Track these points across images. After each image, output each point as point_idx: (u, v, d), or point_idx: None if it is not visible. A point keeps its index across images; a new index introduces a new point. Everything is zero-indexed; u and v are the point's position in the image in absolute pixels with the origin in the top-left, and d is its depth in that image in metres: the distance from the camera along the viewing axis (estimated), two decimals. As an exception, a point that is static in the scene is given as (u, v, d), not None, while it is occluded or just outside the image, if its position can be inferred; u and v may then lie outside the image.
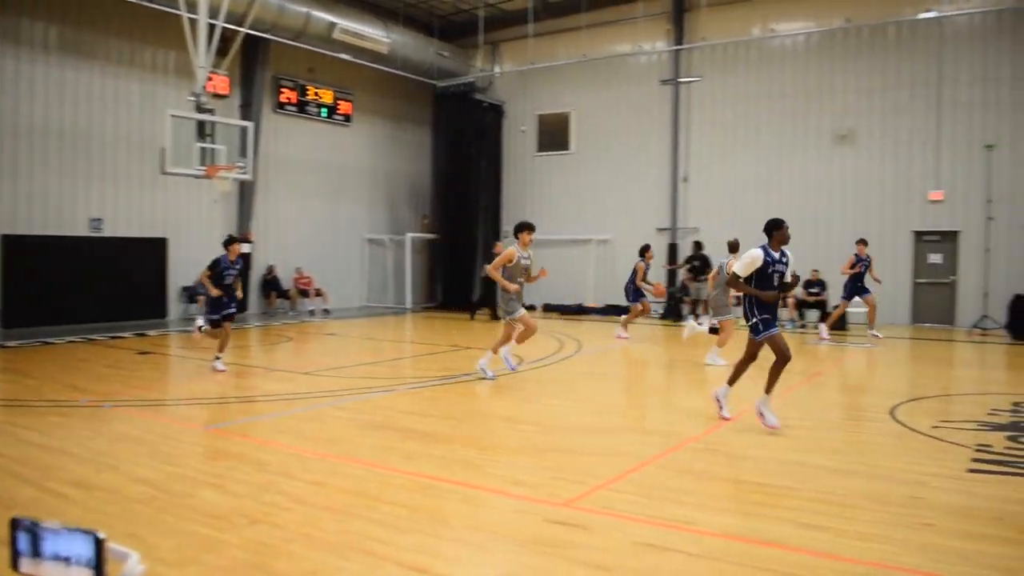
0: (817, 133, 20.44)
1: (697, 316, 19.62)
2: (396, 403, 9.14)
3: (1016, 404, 9.11)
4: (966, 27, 18.92)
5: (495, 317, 20.67)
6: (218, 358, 11.30)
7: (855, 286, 15.47)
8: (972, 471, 6.25)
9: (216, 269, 11.22)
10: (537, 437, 7.44)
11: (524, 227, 10.60)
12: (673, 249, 22.25)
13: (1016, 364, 13.65)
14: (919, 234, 19.23)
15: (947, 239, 19.04)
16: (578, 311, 22.29)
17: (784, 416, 8.62)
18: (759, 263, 7.60)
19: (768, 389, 7.67)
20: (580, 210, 23.75)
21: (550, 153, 24.60)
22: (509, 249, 10.45)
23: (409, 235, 24.11)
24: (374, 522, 4.94)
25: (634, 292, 16.09)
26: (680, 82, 22.30)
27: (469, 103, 24.04)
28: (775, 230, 7.75)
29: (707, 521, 5.00)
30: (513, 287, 10.34)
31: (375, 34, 21.42)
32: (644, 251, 16.12)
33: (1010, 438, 7.38)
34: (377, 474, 6.04)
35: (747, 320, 7.83)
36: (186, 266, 18.95)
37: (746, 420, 8.26)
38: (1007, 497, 5.62)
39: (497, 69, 25.35)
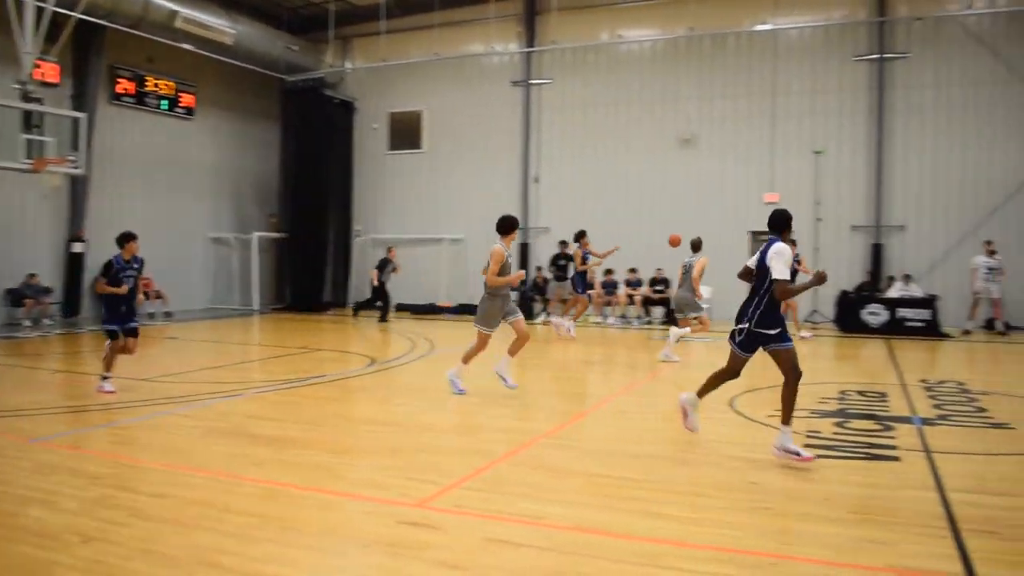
0: (662, 137, 21.24)
1: (549, 314, 20.02)
2: (244, 408, 8.84)
3: (842, 392, 9.77)
4: (798, 40, 20.20)
5: (383, 319, 20.22)
6: (106, 377, 9.51)
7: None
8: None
9: (110, 272, 9.60)
10: (390, 438, 7.37)
11: (516, 224, 9.46)
12: (525, 248, 22.55)
13: (842, 355, 14.65)
14: (756, 234, 20.29)
15: (780, 239, 20.18)
16: (430, 310, 22.24)
17: (631, 410, 8.92)
18: (790, 256, 6.50)
19: (702, 392, 7.08)
20: (432, 209, 23.72)
21: (402, 152, 24.44)
22: (498, 249, 9.20)
23: (256, 234, 23.36)
24: (221, 533, 4.75)
25: (581, 284, 16.21)
26: (531, 84, 22.66)
27: (319, 99, 23.52)
28: (791, 221, 6.75)
29: (559, 515, 5.10)
30: (506, 279, 9.21)
31: (220, 24, 20.62)
32: (580, 237, 16.12)
33: (837, 424, 7.92)
34: (224, 483, 5.82)
35: (736, 321, 6.78)
36: (10, 267, 17.63)
37: (597, 415, 8.48)
38: (835, 479, 6.02)
39: (348, 65, 24.96)
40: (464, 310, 21.80)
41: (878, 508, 5.35)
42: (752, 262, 6.74)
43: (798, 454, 6.24)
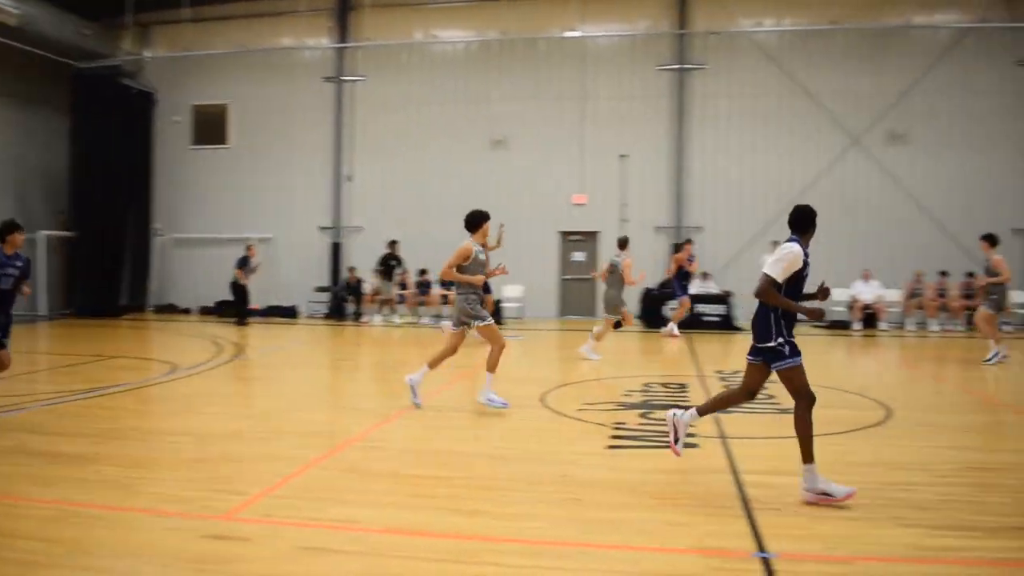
0: (475, 137, 21.50)
1: (362, 314, 19.79)
2: (29, 423, 8.09)
3: (646, 385, 10.26)
4: (605, 48, 21.09)
5: (241, 322, 19.08)
6: None
7: (681, 284, 16.47)
8: (611, 447, 6.94)
9: None
10: (193, 449, 7.00)
11: (485, 218, 8.68)
12: (337, 248, 22.16)
13: (646, 349, 15.38)
14: (565, 234, 20.96)
15: (589, 239, 21.00)
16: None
17: (444, 409, 8.94)
18: (798, 265, 5.51)
19: (806, 458, 5.40)
20: (240, 207, 22.79)
21: (207, 147, 23.34)
22: (465, 244, 8.53)
23: (42, 233, 21.52)
24: (3, 562, 4.32)
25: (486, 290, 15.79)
26: (344, 80, 22.27)
27: (115, 88, 22.03)
28: (815, 218, 5.80)
29: (370, 518, 5.03)
30: (464, 277, 8.48)
31: (1, 2, 18.83)
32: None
33: (642, 415, 8.30)
34: (6, 506, 5.30)
35: (762, 340, 5.63)
36: None
37: (411, 415, 8.44)
38: (641, 468, 6.31)
39: (148, 53, 23.53)
40: (273, 312, 21.13)
41: (679, 493, 5.65)
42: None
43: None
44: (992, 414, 9.24)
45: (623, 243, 13.55)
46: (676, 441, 5.91)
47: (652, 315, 18.55)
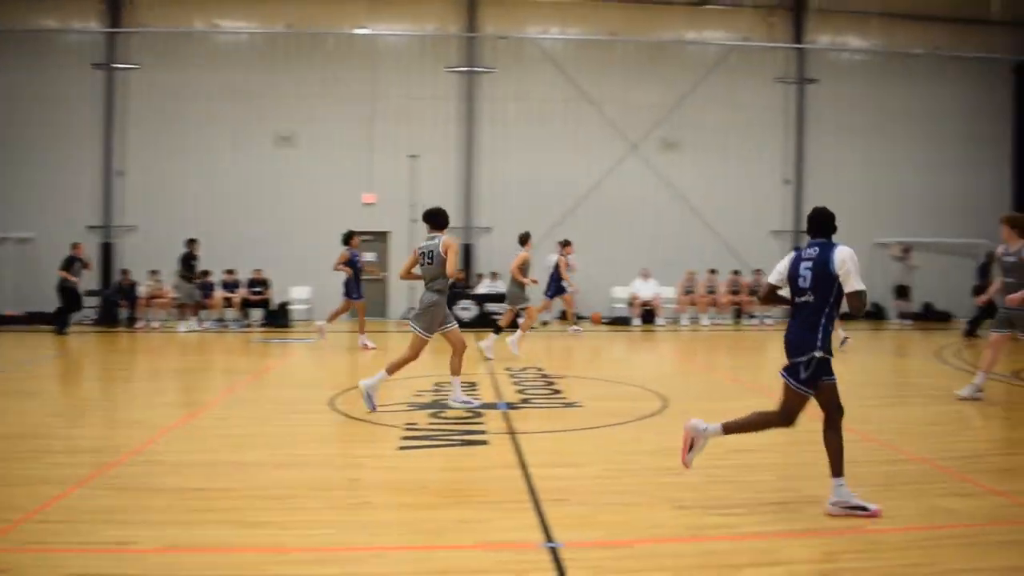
0: (260, 133, 20.75)
1: (193, 319, 18.41)
2: None
3: (437, 384, 10.32)
4: (395, 47, 21.07)
5: (61, 331, 16.97)
6: None
7: (558, 285, 16.04)
8: (402, 448, 6.90)
9: None
10: (-63, 471, 6.25)
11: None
12: (107, 249, 20.64)
13: (437, 348, 15.36)
14: (354, 233, 20.65)
15: (379, 239, 20.85)
16: (-7, 320, 19.19)
17: (229, 417, 8.55)
18: None
19: (837, 471, 5.10)
20: (-6, 203, 20.64)
21: (-45, 137, 20.95)
22: (456, 240, 8.95)
23: None
24: None
25: (356, 288, 15.13)
26: (115, 68, 20.73)
27: None
28: (834, 218, 5.32)
29: (149, 538, 4.69)
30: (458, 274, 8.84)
31: None
32: (349, 239, 15.05)
33: (432, 415, 8.34)
34: None
35: (801, 352, 5.10)
36: None
37: (192, 425, 8.01)
38: (430, 467, 6.35)
39: None
40: (35, 319, 19.24)
41: (470, 490, 5.72)
42: (778, 278, 5.39)
43: (864, 508, 5.05)
44: (755, 399, 10.03)
45: (523, 239, 13.92)
46: (690, 450, 5.47)
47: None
